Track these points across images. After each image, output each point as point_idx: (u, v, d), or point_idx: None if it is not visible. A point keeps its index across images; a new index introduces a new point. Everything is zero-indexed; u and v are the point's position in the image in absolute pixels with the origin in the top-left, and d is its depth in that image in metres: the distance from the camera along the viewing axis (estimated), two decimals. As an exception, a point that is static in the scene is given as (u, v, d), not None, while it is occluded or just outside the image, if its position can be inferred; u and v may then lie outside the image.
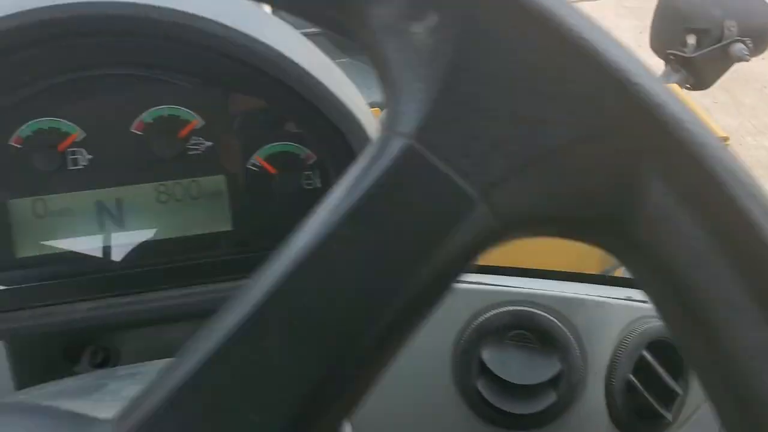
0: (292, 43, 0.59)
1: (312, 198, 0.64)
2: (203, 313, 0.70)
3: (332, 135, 0.60)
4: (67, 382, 0.61)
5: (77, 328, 0.64)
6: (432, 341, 0.90)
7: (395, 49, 0.30)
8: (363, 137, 0.59)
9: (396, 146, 0.29)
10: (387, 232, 0.28)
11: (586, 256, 1.83)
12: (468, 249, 0.29)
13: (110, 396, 0.55)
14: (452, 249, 0.28)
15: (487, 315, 0.87)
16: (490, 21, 0.28)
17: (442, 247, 0.28)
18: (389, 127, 0.30)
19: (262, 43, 0.56)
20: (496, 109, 0.28)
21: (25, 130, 0.60)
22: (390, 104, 0.30)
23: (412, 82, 0.29)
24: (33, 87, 0.59)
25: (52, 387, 0.60)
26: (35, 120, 0.60)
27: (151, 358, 0.70)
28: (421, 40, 0.29)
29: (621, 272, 1.82)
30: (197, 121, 0.62)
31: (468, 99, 0.28)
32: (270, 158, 0.64)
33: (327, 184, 0.64)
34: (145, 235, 0.64)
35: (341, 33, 0.32)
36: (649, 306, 0.97)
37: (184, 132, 0.62)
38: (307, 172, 0.64)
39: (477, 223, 0.28)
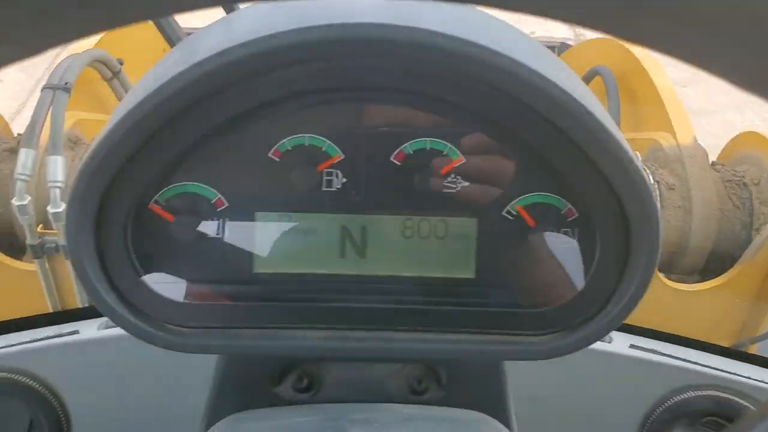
0: (582, 90, 0.55)
1: (568, 258, 0.59)
2: (428, 360, 0.67)
3: (604, 193, 0.55)
4: (297, 416, 0.58)
5: (301, 355, 0.61)
6: (618, 414, 0.84)
7: None
8: (644, 202, 0.54)
9: None
10: None
11: (716, 325, 1.72)
12: None
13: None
14: None
15: (685, 396, 0.81)
16: None
17: None
18: None
19: (558, 87, 0.51)
20: None
21: (286, 144, 0.58)
22: None
23: None
24: (299, 103, 0.57)
25: (283, 419, 0.57)
26: (298, 135, 0.58)
27: (352, 391, 0.67)
28: None
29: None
30: (460, 159, 0.58)
31: None
32: (529, 208, 0.59)
33: (585, 246, 0.59)
34: (384, 269, 0.60)
35: None
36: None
37: (445, 169, 0.59)
38: (564, 229, 0.60)
39: None
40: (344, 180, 0.59)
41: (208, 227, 0.59)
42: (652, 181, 1.68)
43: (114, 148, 0.52)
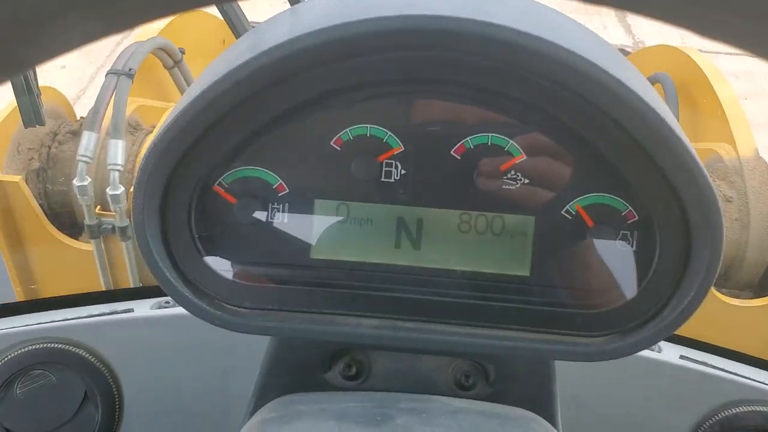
0: (652, 94, 0.54)
1: (626, 260, 0.59)
2: (478, 355, 0.67)
3: (667, 197, 0.55)
4: (346, 401, 0.58)
5: (350, 342, 0.62)
6: (665, 424, 0.83)
7: None
8: (708, 208, 0.53)
9: None
10: None
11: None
12: None
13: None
14: None
15: (736, 411, 0.79)
16: None
17: None
18: None
19: (630, 89, 0.51)
20: None
21: (348, 133, 0.59)
22: None
23: None
24: (363, 93, 0.57)
25: (332, 403, 0.58)
26: (360, 125, 0.58)
27: (399, 382, 0.67)
28: None
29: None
30: (522, 156, 0.58)
31: None
32: (589, 208, 0.59)
33: (643, 250, 0.58)
34: (439, 261, 0.61)
35: None
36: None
37: (505, 165, 0.58)
38: (623, 232, 0.59)
39: None
40: (403, 172, 0.59)
41: (269, 212, 0.60)
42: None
43: (184, 127, 0.53)
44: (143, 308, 0.96)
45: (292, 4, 0.95)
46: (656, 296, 0.57)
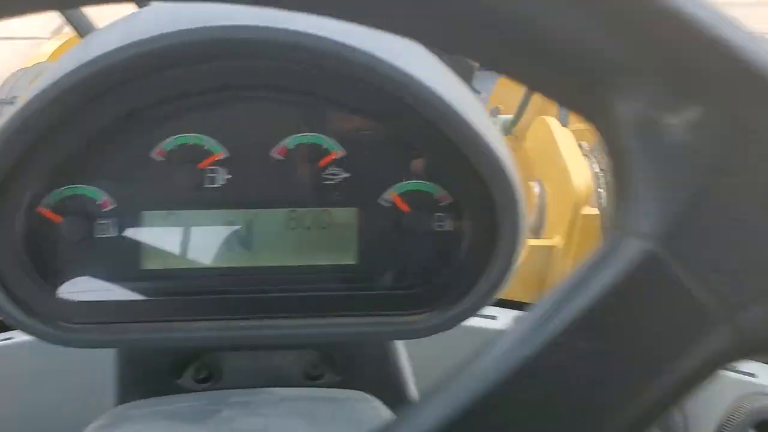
0: (442, 80, 0.58)
1: (441, 241, 0.62)
2: (316, 345, 0.69)
3: (472, 179, 0.59)
4: (179, 402, 0.60)
5: (192, 346, 0.63)
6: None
7: (642, 142, 0.27)
8: (506, 185, 0.57)
9: (634, 249, 0.27)
10: (616, 346, 0.26)
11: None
12: (700, 367, 0.27)
13: (225, 425, 0.54)
14: (682, 368, 0.26)
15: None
16: (764, 121, 0.25)
17: (672, 366, 0.26)
18: (625, 226, 0.27)
19: (413, 78, 0.54)
20: (759, 223, 0.26)
21: (170, 143, 0.60)
22: (627, 202, 0.28)
23: (661, 180, 0.27)
24: (180, 103, 0.59)
25: (164, 405, 0.60)
26: (180, 135, 0.60)
27: (251, 380, 0.69)
28: (676, 134, 0.26)
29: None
30: (339, 151, 0.61)
31: (728, 208, 0.26)
32: (404, 195, 0.62)
33: (459, 228, 0.62)
34: (270, 259, 0.63)
35: (581, 114, 0.30)
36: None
37: (323, 161, 0.61)
38: (439, 214, 0.63)
39: (716, 343, 0.26)
40: (228, 176, 0.62)
41: (96, 227, 0.61)
42: (598, 170, 1.72)
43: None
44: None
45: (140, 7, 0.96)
46: (469, 272, 0.61)
